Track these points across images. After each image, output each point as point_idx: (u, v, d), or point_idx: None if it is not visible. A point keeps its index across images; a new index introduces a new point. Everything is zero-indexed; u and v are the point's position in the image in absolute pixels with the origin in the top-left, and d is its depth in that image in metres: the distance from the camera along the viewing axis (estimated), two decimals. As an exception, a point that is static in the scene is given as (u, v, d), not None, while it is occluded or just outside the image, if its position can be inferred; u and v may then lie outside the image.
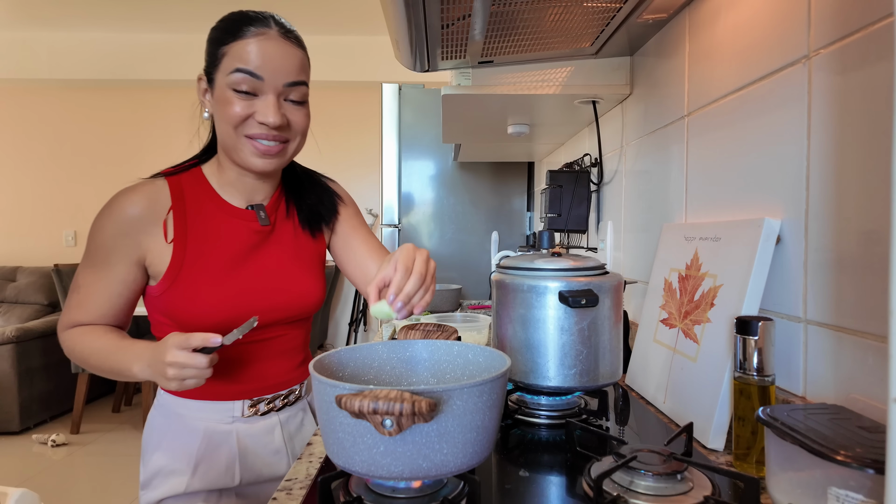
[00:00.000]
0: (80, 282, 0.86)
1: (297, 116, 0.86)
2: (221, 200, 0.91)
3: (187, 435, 0.89)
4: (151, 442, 0.91)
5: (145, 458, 0.91)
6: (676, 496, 0.59)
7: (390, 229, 2.71)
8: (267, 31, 0.83)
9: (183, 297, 0.85)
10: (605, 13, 1.05)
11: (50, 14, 3.69)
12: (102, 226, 0.84)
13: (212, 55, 0.84)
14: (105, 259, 0.85)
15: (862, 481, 0.45)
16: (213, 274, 0.87)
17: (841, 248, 0.65)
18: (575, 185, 1.63)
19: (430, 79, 3.83)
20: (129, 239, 0.84)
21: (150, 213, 0.85)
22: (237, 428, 0.91)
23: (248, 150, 0.84)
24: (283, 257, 0.94)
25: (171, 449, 0.89)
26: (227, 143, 0.85)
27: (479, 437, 0.58)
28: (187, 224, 0.87)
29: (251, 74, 0.81)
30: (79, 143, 4.39)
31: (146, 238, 0.85)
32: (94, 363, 0.84)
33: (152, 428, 0.92)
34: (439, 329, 1.07)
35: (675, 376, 0.90)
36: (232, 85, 0.81)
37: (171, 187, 0.88)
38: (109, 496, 2.59)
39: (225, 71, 0.82)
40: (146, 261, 0.86)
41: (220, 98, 0.83)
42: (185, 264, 0.86)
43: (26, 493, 1.11)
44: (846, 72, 0.64)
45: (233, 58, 0.81)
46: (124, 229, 0.84)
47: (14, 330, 3.33)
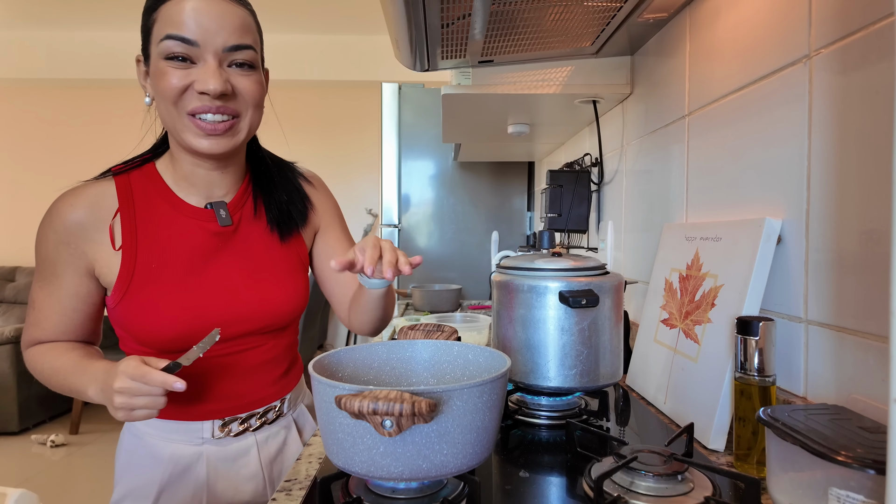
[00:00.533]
0: (34, 297, 0.79)
1: (244, 83, 0.74)
2: (176, 199, 0.80)
3: (151, 459, 0.81)
4: (120, 462, 0.84)
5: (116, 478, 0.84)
6: (677, 497, 0.59)
7: (390, 229, 2.71)
8: None
9: (136, 309, 0.76)
10: (606, 12, 1.05)
11: (49, 14, 3.68)
12: (44, 235, 0.76)
13: (144, 27, 0.74)
14: (52, 272, 0.77)
15: (863, 482, 0.45)
16: (168, 283, 0.77)
17: (842, 248, 0.65)
18: (575, 184, 1.63)
19: (430, 78, 3.83)
20: (72, 248, 0.76)
21: (92, 217, 0.76)
22: (206, 450, 0.82)
23: (192, 130, 0.73)
24: (249, 261, 0.84)
25: (136, 473, 0.82)
26: (170, 124, 0.75)
27: (479, 437, 0.58)
28: (137, 228, 0.78)
29: (183, 40, 0.70)
30: (78, 143, 4.39)
31: (91, 246, 0.76)
32: (55, 383, 0.77)
33: (122, 448, 0.85)
34: (439, 329, 1.07)
35: (676, 377, 0.90)
36: (164, 54, 0.70)
37: (118, 187, 0.78)
38: (108, 497, 2.59)
39: (156, 40, 0.71)
40: (95, 271, 0.78)
41: (155, 72, 0.72)
42: (137, 273, 0.77)
43: (25, 494, 1.11)
44: (847, 71, 0.64)
45: (162, 23, 0.70)
46: (65, 238, 0.76)
47: (13, 330, 3.33)
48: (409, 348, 0.78)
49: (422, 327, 1.09)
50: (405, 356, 0.78)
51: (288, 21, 3.77)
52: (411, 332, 1.05)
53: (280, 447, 0.90)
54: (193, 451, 0.82)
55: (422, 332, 1.04)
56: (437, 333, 1.03)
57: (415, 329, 1.07)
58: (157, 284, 0.77)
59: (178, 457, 0.81)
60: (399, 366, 0.78)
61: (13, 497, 1.08)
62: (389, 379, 0.77)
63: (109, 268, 0.77)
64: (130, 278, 0.77)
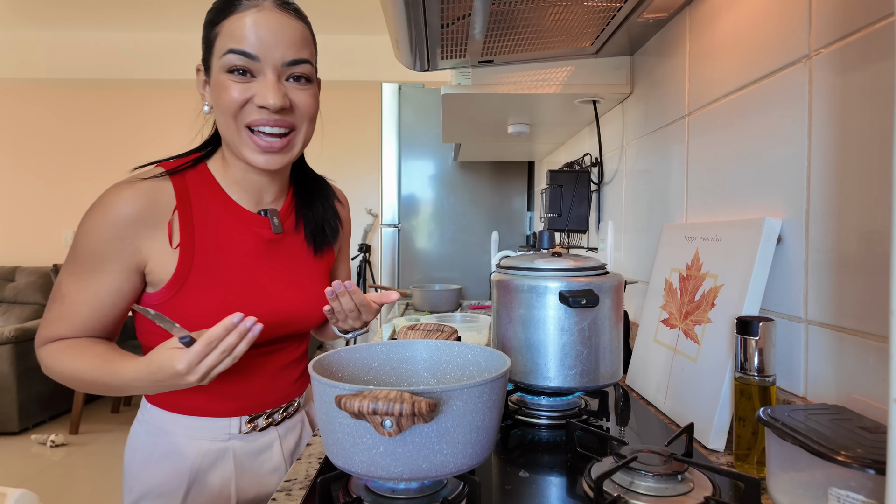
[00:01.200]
0: (65, 291, 0.75)
1: (301, 97, 0.77)
2: (231, 202, 0.82)
3: (178, 455, 0.81)
4: (136, 461, 0.83)
5: (129, 478, 0.83)
6: (677, 497, 0.59)
7: (390, 229, 2.71)
8: (260, 3, 0.74)
9: (189, 307, 0.77)
10: (606, 12, 1.05)
11: (49, 14, 3.68)
12: (95, 228, 0.73)
13: (206, 40, 0.77)
14: (95, 266, 0.74)
15: (863, 482, 0.45)
16: (221, 284, 0.78)
17: (842, 249, 0.65)
18: (575, 184, 1.63)
19: (430, 78, 3.83)
20: (126, 243, 0.74)
21: (151, 213, 0.75)
22: (233, 446, 0.84)
23: (250, 146, 0.76)
24: (290, 268, 0.87)
25: (160, 470, 0.81)
26: (228, 136, 0.77)
27: (479, 437, 0.58)
28: (194, 227, 0.78)
29: (244, 54, 0.72)
30: (78, 143, 4.39)
31: (146, 242, 0.75)
32: (81, 382, 0.74)
33: (137, 446, 0.84)
34: (439, 329, 1.07)
35: (676, 377, 0.90)
36: (225, 67, 0.73)
37: (175, 186, 0.78)
38: (108, 497, 2.59)
39: (218, 53, 0.74)
40: (146, 267, 0.77)
41: (216, 84, 0.75)
42: (193, 272, 0.77)
43: (25, 494, 1.11)
44: (847, 71, 0.64)
45: (225, 37, 0.73)
46: (121, 232, 0.73)
47: (13, 330, 3.33)
48: (409, 348, 0.78)
49: (422, 327, 1.09)
50: (405, 356, 0.78)
51: None
52: (411, 332, 1.05)
53: (297, 439, 0.95)
54: (220, 447, 0.83)
55: (422, 332, 1.04)
56: (437, 333, 1.03)
57: (415, 329, 1.07)
58: (210, 284, 0.78)
59: (204, 453, 0.82)
60: (399, 366, 0.78)
61: (13, 497, 1.08)
62: (389, 379, 0.77)
63: (164, 265, 0.76)
64: (186, 277, 0.77)
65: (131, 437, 0.85)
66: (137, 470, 0.83)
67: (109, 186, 0.76)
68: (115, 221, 0.73)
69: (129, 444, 0.85)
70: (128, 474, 0.83)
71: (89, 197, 4.38)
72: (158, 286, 0.78)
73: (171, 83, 4.20)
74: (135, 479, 0.83)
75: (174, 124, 4.39)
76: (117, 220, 0.73)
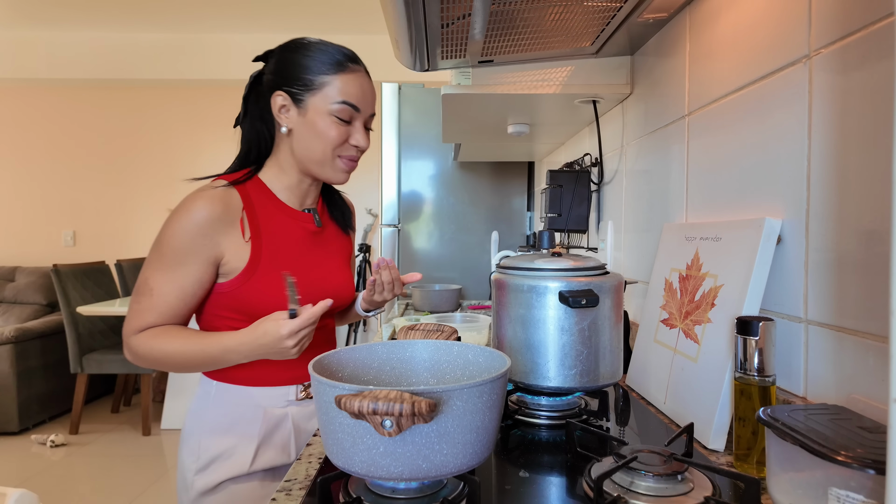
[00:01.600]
0: (152, 284, 0.89)
1: (368, 140, 0.99)
2: (281, 203, 0.99)
3: (247, 422, 0.96)
4: (205, 431, 0.95)
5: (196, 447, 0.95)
6: (677, 497, 0.59)
7: (390, 229, 2.71)
8: (360, 69, 0.95)
9: (262, 288, 0.92)
10: (606, 12, 1.05)
11: (49, 14, 3.68)
12: (182, 227, 0.88)
13: (305, 79, 0.92)
14: (181, 260, 0.89)
15: (863, 482, 0.45)
16: (284, 269, 0.96)
17: (842, 248, 0.65)
18: (575, 184, 1.63)
19: (429, 78, 3.83)
20: (208, 239, 0.89)
21: (226, 213, 0.91)
22: (291, 411, 0.98)
23: (340, 167, 0.97)
24: (332, 254, 1.06)
25: (230, 437, 0.95)
26: (316, 158, 0.95)
27: (479, 437, 0.58)
28: (259, 224, 0.95)
29: (353, 107, 0.93)
30: (78, 143, 4.39)
31: (224, 238, 0.91)
32: (179, 360, 0.88)
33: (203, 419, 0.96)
34: (439, 329, 1.07)
35: (676, 377, 0.90)
36: (335, 113, 0.92)
37: (240, 193, 0.94)
38: (108, 496, 2.59)
39: (327, 99, 0.92)
40: (223, 259, 0.91)
41: (317, 121, 0.92)
42: (262, 260, 0.93)
43: (25, 494, 1.11)
44: (847, 71, 0.64)
45: (337, 89, 0.92)
46: (205, 229, 0.89)
47: (13, 330, 3.33)
48: (409, 348, 0.78)
49: (422, 327, 1.09)
50: (405, 356, 0.78)
51: (288, 21, 3.77)
52: (411, 332, 1.05)
53: None
54: (281, 413, 0.97)
55: (422, 332, 1.04)
56: (437, 333, 1.03)
57: (415, 329, 1.06)
58: (276, 270, 0.95)
59: (269, 418, 0.96)
60: (399, 366, 0.78)
61: (13, 497, 1.08)
62: (389, 379, 0.77)
63: (238, 256, 0.92)
64: (258, 264, 0.93)
65: (195, 413, 0.98)
66: (207, 439, 0.95)
67: (189, 195, 0.91)
68: (199, 221, 0.88)
69: (193, 419, 0.97)
70: (194, 444, 0.95)
71: (90, 197, 4.38)
72: (232, 275, 0.92)
73: (171, 83, 4.20)
74: (203, 448, 0.95)
75: (174, 124, 4.39)
76: (201, 219, 0.89)
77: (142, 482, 2.72)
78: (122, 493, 2.62)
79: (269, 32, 3.99)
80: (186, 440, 0.97)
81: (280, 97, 0.93)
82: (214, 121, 4.38)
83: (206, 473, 0.94)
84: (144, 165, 4.40)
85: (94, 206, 4.40)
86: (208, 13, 3.62)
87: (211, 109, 4.38)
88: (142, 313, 0.89)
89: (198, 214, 0.88)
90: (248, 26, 3.86)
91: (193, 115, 4.39)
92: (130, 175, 4.40)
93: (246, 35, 4.02)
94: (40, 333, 3.52)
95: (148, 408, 3.34)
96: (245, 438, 0.95)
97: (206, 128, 4.39)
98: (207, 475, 0.94)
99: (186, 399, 3.46)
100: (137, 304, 0.90)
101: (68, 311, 3.34)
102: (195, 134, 4.40)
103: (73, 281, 3.47)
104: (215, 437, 0.95)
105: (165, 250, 0.89)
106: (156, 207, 4.40)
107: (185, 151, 4.40)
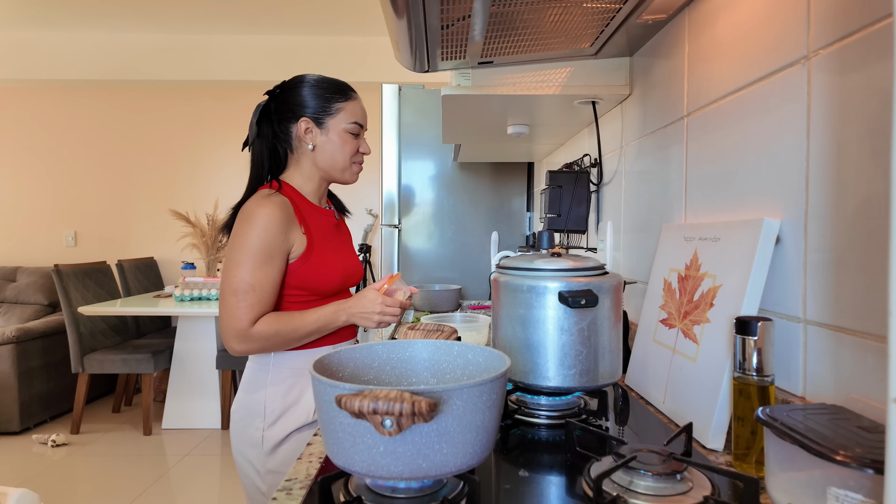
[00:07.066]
0: (252, 282, 1.06)
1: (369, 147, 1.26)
2: (311, 203, 1.22)
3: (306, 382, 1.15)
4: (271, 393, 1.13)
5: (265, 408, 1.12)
6: (676, 496, 0.59)
7: (390, 229, 2.71)
8: (358, 96, 1.22)
9: (318, 266, 1.16)
10: (605, 14, 1.05)
11: (50, 14, 3.69)
12: (266, 229, 1.07)
13: (324, 107, 1.17)
14: (269, 256, 1.08)
15: (861, 481, 0.45)
16: (327, 252, 1.19)
17: (840, 249, 0.65)
18: (575, 185, 1.63)
19: (430, 79, 3.83)
20: (284, 235, 1.10)
21: (289, 213, 1.12)
22: None
23: (355, 170, 1.24)
24: (346, 242, 1.31)
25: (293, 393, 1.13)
26: (339, 166, 1.20)
27: (479, 437, 0.58)
28: (305, 219, 1.17)
29: (361, 126, 1.21)
30: (79, 143, 4.39)
31: (292, 233, 1.12)
32: (300, 335, 1.09)
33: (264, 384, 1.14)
34: (439, 329, 1.07)
35: (675, 376, 0.90)
36: (350, 130, 1.19)
37: (288, 197, 1.15)
38: (109, 496, 2.59)
39: (343, 121, 1.18)
40: (292, 249, 1.12)
41: (338, 138, 1.18)
42: (315, 245, 1.16)
43: (26, 494, 1.11)
44: (846, 72, 0.64)
45: (349, 113, 1.19)
46: (282, 227, 1.10)
47: (14, 330, 3.33)
48: (409, 348, 0.78)
49: (422, 327, 1.09)
50: (405, 356, 0.78)
51: (288, 22, 3.78)
52: (411, 332, 1.05)
53: None
54: None
55: (422, 332, 1.04)
56: (437, 333, 1.03)
57: (415, 329, 1.07)
58: (323, 253, 1.18)
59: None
60: (399, 366, 0.78)
61: (14, 497, 1.08)
62: (389, 379, 0.77)
63: (300, 244, 1.14)
64: (312, 248, 1.15)
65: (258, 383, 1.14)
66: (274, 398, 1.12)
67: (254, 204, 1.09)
68: (276, 222, 1.09)
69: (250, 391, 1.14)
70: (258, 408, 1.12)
71: (90, 197, 4.38)
72: (294, 259, 1.13)
73: (170, 83, 4.21)
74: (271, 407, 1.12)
75: (175, 125, 4.39)
76: (277, 220, 1.09)
77: (143, 482, 2.73)
78: (123, 492, 2.62)
79: (270, 34, 3.99)
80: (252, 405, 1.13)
81: (304, 122, 1.17)
82: (215, 121, 4.38)
83: (276, 427, 1.11)
84: (146, 166, 4.40)
85: (96, 207, 4.40)
86: (209, 15, 3.63)
87: (212, 110, 4.38)
88: (251, 307, 1.06)
89: (274, 217, 1.08)
90: (250, 28, 3.87)
91: (194, 115, 4.39)
92: (131, 175, 4.40)
93: (247, 37, 4.02)
94: (42, 333, 3.52)
95: (149, 407, 3.35)
96: (305, 393, 1.13)
97: (206, 128, 4.39)
98: (277, 429, 1.11)
99: (187, 399, 3.46)
100: (243, 301, 1.06)
101: (69, 311, 3.34)
102: (196, 134, 4.40)
103: (74, 281, 3.47)
104: (279, 397, 1.12)
105: (255, 251, 1.07)
106: (157, 208, 4.40)
107: (186, 152, 4.40)
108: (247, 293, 1.06)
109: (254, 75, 4.03)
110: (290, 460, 1.12)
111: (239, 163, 4.36)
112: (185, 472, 2.85)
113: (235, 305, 1.06)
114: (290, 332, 1.09)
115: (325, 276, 1.16)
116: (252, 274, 1.06)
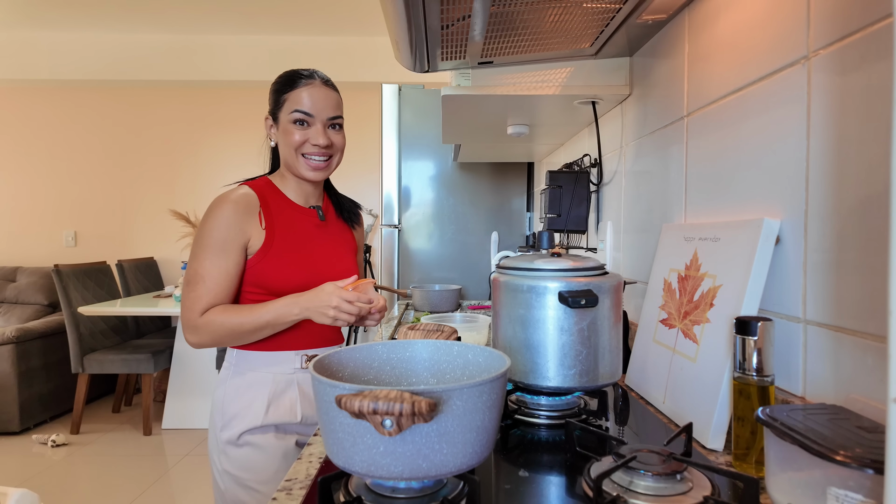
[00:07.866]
0: (203, 272, 1.07)
1: (337, 138, 1.19)
2: (290, 201, 1.20)
3: (261, 384, 1.14)
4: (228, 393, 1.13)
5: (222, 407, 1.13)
6: (676, 496, 0.59)
7: (390, 229, 2.71)
8: (312, 82, 1.15)
9: (274, 265, 1.13)
10: (605, 14, 1.05)
11: (50, 14, 3.69)
12: (219, 220, 1.08)
13: (276, 101, 1.16)
14: (223, 248, 1.08)
15: (861, 481, 0.45)
16: (290, 252, 1.15)
17: (840, 249, 0.65)
18: (574, 185, 1.63)
19: (429, 79, 3.83)
20: (239, 228, 1.10)
21: (248, 207, 1.12)
22: (297, 377, 1.16)
23: (304, 166, 1.16)
24: (335, 244, 1.25)
25: (247, 396, 1.12)
26: (289, 161, 1.17)
27: (479, 437, 0.58)
28: (272, 216, 1.15)
29: (304, 113, 1.14)
30: (79, 143, 4.39)
31: (248, 226, 1.11)
32: (247, 328, 1.06)
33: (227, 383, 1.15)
34: (439, 329, 1.07)
35: (675, 376, 0.90)
36: (292, 120, 1.14)
37: (256, 191, 1.15)
38: (109, 496, 2.59)
39: (287, 111, 1.14)
40: (249, 243, 1.12)
41: (284, 130, 1.15)
42: (275, 243, 1.14)
43: (26, 494, 1.11)
44: (846, 72, 0.64)
45: (292, 102, 1.14)
46: (237, 220, 1.10)
47: (14, 330, 3.33)
48: (409, 348, 0.78)
49: (422, 327, 1.09)
50: (405, 356, 0.78)
51: (288, 23, 3.78)
52: (411, 332, 1.05)
53: None
54: (288, 378, 1.15)
55: (422, 332, 1.04)
56: (437, 333, 1.03)
57: (415, 329, 1.07)
58: (284, 251, 1.14)
59: (277, 381, 1.14)
60: (399, 366, 0.78)
61: (14, 497, 1.08)
62: (389, 379, 0.77)
63: (258, 239, 1.13)
64: (271, 245, 1.13)
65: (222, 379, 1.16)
66: (230, 399, 1.13)
67: (216, 198, 1.11)
68: (231, 214, 1.09)
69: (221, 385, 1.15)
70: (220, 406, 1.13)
71: (90, 197, 4.38)
72: (252, 254, 1.13)
73: (170, 83, 4.21)
74: (227, 407, 1.12)
75: (175, 125, 4.39)
76: (233, 213, 1.10)
77: (143, 482, 2.73)
78: (123, 492, 2.62)
79: (270, 34, 3.99)
80: (214, 403, 1.15)
81: (267, 121, 1.20)
82: (215, 121, 4.38)
83: (229, 427, 1.11)
84: (145, 166, 4.40)
85: (95, 207, 4.40)
86: (209, 15, 3.63)
87: (211, 110, 4.38)
88: (199, 298, 1.07)
89: (227, 209, 1.09)
90: (249, 28, 3.87)
91: (194, 115, 4.39)
92: (131, 175, 4.40)
93: (247, 37, 4.02)
94: (41, 333, 3.52)
95: (149, 408, 3.35)
96: (259, 398, 1.13)
97: (206, 128, 4.39)
98: (230, 429, 1.11)
99: (187, 399, 3.46)
100: (193, 291, 1.07)
101: (69, 311, 3.34)
102: (196, 134, 4.40)
103: (74, 281, 3.47)
104: (236, 398, 1.13)
105: (208, 242, 1.08)
106: (157, 208, 4.40)
107: (186, 152, 4.40)
108: (196, 284, 1.07)
109: (254, 75, 4.03)
110: (243, 462, 1.11)
111: (239, 163, 4.36)
112: (185, 472, 2.85)
113: (187, 296, 1.07)
114: (240, 325, 1.06)
115: (283, 275, 1.13)
116: (202, 265, 1.07)
